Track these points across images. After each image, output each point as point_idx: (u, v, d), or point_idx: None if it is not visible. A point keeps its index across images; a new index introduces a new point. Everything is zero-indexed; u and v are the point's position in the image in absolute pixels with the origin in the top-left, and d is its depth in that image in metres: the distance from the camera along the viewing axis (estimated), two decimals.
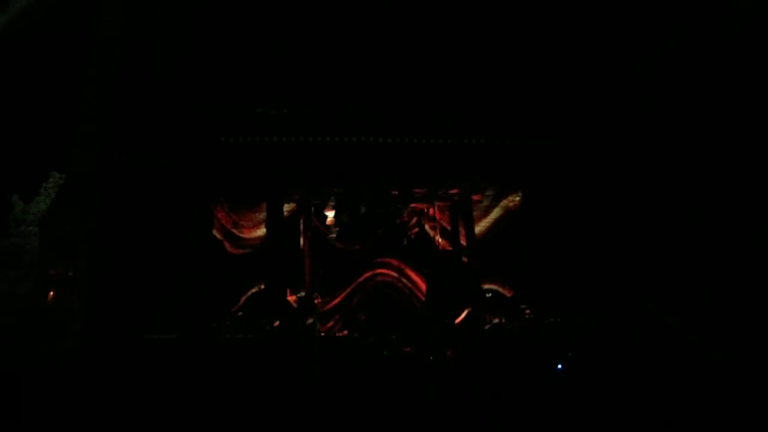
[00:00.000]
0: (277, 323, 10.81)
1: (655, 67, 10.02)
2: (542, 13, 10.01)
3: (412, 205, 13.01)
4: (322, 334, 11.56)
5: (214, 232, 11.54)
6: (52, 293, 8.18)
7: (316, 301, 11.79)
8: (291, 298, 11.53)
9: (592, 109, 10.87)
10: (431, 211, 13.05)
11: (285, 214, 12.19)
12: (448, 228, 12.82)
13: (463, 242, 12.40)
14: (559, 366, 9.34)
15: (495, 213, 12.31)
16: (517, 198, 11.99)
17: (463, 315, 12.06)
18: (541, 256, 11.61)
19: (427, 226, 13.05)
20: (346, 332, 11.74)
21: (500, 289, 12.08)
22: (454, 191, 12.36)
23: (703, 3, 9.21)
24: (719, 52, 9.10)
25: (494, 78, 10.66)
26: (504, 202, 12.22)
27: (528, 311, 11.06)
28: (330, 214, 12.80)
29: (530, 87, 10.76)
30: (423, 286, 13.01)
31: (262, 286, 11.74)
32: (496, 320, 11.46)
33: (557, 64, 10.52)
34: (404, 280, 12.92)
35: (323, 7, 9.86)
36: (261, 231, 12.04)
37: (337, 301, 12.75)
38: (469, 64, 10.58)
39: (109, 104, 9.29)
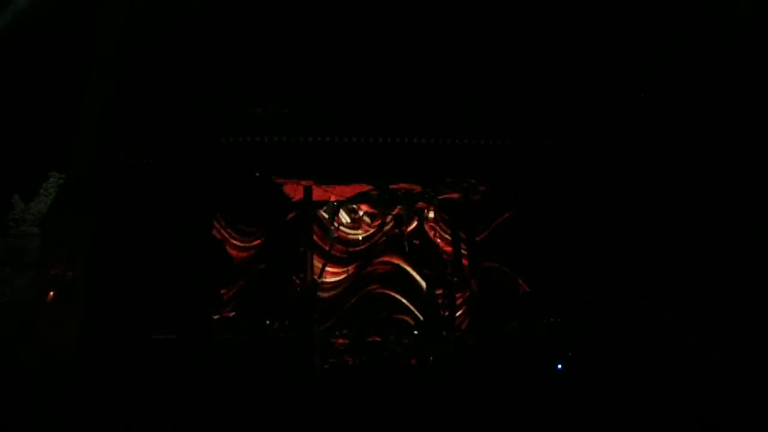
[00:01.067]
0: (277, 323, 10.83)
1: (655, 67, 10.02)
2: (542, 13, 9.99)
3: (413, 204, 13.02)
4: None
5: (215, 233, 11.54)
6: (52, 293, 8.16)
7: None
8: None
9: (592, 109, 10.87)
10: (431, 212, 13.06)
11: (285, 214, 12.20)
12: (448, 229, 12.83)
13: (464, 243, 12.42)
14: (559, 366, 9.36)
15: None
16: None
17: (463, 315, 12.09)
18: (541, 256, 11.62)
19: (426, 227, 13.07)
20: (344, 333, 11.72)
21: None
22: (454, 191, 12.38)
23: (705, 3, 9.21)
24: (720, 52, 9.11)
25: (494, 78, 10.66)
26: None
27: (528, 312, 11.07)
28: (330, 215, 12.81)
29: (530, 86, 10.76)
30: (423, 285, 13.04)
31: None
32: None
33: (557, 64, 10.52)
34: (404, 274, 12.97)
35: (324, 7, 9.84)
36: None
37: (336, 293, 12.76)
38: (469, 64, 10.57)
39: (109, 104, 9.26)
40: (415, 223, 13.26)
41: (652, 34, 9.80)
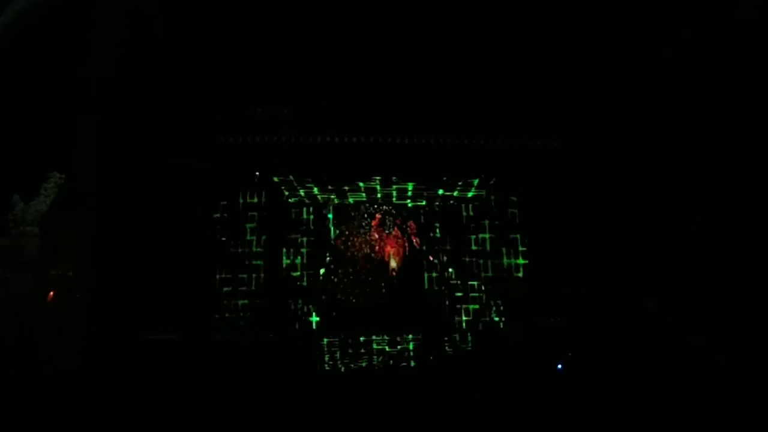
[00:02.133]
0: (276, 323, 10.83)
1: (655, 67, 10.02)
2: (541, 13, 10.00)
3: (413, 204, 13.02)
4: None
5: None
6: (52, 293, 8.17)
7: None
8: None
9: (592, 109, 10.87)
10: (431, 211, 13.05)
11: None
12: (448, 228, 12.82)
13: (463, 243, 12.42)
14: (559, 366, 9.37)
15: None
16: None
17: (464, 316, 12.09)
18: (541, 256, 11.61)
19: (426, 227, 13.05)
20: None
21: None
22: (455, 191, 12.37)
23: (704, 3, 9.21)
24: (720, 52, 9.11)
25: (493, 78, 10.66)
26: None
27: (529, 311, 11.07)
28: (330, 215, 12.80)
29: (530, 87, 10.76)
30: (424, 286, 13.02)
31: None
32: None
33: (557, 64, 10.52)
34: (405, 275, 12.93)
35: (323, 7, 9.85)
36: None
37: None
38: (469, 64, 10.57)
39: (109, 104, 9.28)
40: (415, 224, 13.25)
41: (651, 36, 9.81)
